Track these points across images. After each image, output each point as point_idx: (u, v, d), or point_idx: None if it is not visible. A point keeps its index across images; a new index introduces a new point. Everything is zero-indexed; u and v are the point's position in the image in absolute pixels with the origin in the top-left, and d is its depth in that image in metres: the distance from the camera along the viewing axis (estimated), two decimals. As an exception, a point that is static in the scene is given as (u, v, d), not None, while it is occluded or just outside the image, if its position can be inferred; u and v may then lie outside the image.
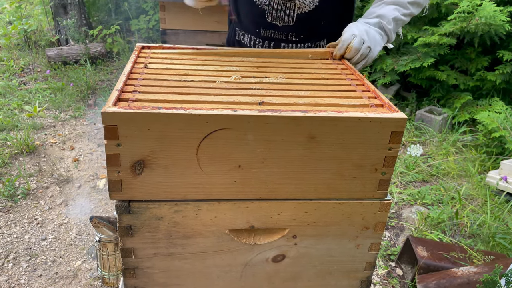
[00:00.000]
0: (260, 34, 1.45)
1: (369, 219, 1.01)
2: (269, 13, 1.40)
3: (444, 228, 2.50)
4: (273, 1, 1.37)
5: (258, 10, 1.41)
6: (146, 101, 0.90)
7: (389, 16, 1.31)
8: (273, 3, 1.37)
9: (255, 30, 1.46)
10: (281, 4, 1.37)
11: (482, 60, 3.65)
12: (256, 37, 1.47)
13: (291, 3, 1.36)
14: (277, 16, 1.39)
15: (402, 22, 1.35)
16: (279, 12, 1.38)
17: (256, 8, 1.41)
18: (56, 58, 4.51)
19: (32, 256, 2.22)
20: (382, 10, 1.33)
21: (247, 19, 1.47)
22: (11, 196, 2.62)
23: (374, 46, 1.29)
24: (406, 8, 1.33)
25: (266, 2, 1.39)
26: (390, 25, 1.32)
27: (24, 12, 5.37)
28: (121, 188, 0.90)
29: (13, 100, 3.78)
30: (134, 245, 0.97)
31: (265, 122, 0.87)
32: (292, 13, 1.38)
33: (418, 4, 1.35)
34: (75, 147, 3.21)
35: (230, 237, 0.99)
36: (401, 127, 0.90)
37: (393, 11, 1.32)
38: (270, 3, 1.38)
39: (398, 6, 1.33)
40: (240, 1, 1.47)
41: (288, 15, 1.39)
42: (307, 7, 1.37)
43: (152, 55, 1.22)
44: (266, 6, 1.39)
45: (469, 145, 3.39)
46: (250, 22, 1.46)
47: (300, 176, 0.94)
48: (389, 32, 1.33)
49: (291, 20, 1.40)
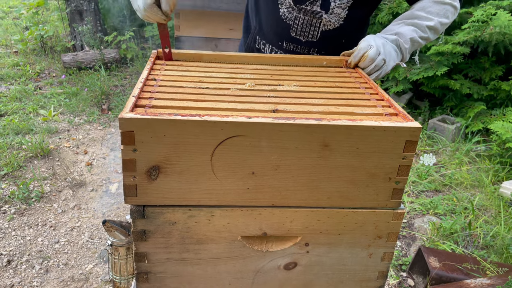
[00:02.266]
0: (282, 46, 1.47)
1: (382, 228, 1.00)
2: (294, 28, 1.42)
3: (456, 238, 2.47)
4: (299, 17, 1.39)
5: (283, 24, 1.42)
6: (162, 108, 0.92)
7: (407, 36, 1.32)
8: (299, 19, 1.40)
9: (278, 43, 1.47)
10: (307, 20, 1.39)
11: (496, 69, 3.62)
12: (278, 49, 1.48)
13: (318, 19, 1.38)
14: (301, 31, 1.41)
15: (418, 45, 1.36)
16: (304, 27, 1.40)
17: (281, 21, 1.42)
18: (71, 63, 4.59)
19: (44, 258, 2.25)
20: (401, 29, 1.33)
21: (270, 30, 1.48)
22: (26, 199, 2.66)
23: (389, 60, 1.29)
24: (424, 31, 1.33)
25: (292, 17, 1.40)
26: (407, 44, 1.32)
27: (40, 18, 5.47)
28: (136, 193, 0.91)
29: (28, 104, 3.85)
30: (148, 250, 0.98)
31: (279, 130, 0.87)
32: (317, 30, 1.40)
33: (436, 31, 1.35)
34: (88, 151, 3.25)
35: (242, 243, 1.00)
36: (415, 136, 0.90)
37: (412, 32, 1.32)
38: (296, 18, 1.40)
39: (416, 28, 1.33)
40: (263, 12, 1.48)
41: (313, 32, 1.41)
42: (332, 25, 1.39)
43: (167, 62, 1.24)
44: (291, 21, 1.41)
45: (482, 155, 3.35)
46: (273, 34, 1.48)
47: (313, 184, 0.94)
48: (405, 51, 1.33)
49: (315, 37, 1.42)
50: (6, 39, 5.50)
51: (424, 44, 1.38)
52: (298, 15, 1.40)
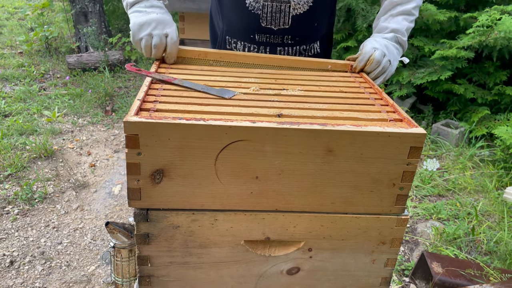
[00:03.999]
0: (255, 39, 1.42)
1: (386, 234, 1.00)
2: (264, 17, 1.38)
3: (460, 244, 2.46)
4: (267, 5, 1.35)
5: (252, 15, 1.38)
6: (167, 111, 0.92)
7: (402, 28, 1.35)
8: (267, 7, 1.36)
9: (249, 36, 1.42)
10: (275, 7, 1.35)
11: (501, 74, 3.60)
12: (250, 43, 1.43)
13: (286, 4, 1.35)
14: (272, 19, 1.37)
15: (410, 29, 1.40)
16: (274, 15, 1.37)
17: (249, 13, 1.38)
18: (75, 64, 4.60)
19: (47, 259, 2.25)
20: (394, 24, 1.36)
21: (240, 25, 1.43)
22: (29, 200, 2.67)
23: (393, 60, 1.30)
24: (412, 14, 1.37)
25: (259, 6, 1.36)
26: (404, 36, 1.36)
27: (46, 19, 5.50)
28: (140, 196, 0.91)
29: (33, 105, 3.87)
30: (151, 253, 0.98)
31: (283, 135, 0.87)
32: (287, 15, 1.37)
33: (418, 6, 1.39)
34: (92, 153, 3.26)
35: (245, 248, 1.00)
36: (420, 142, 0.89)
37: (403, 22, 1.35)
38: (264, 6, 1.36)
39: (405, 15, 1.36)
40: (229, 9, 1.44)
41: (284, 18, 1.37)
42: (302, 7, 1.36)
43: (172, 66, 1.24)
44: (260, 10, 1.37)
45: (486, 160, 3.34)
46: (243, 28, 1.43)
47: (317, 189, 0.94)
48: (404, 43, 1.37)
49: (286, 23, 1.38)
50: (11, 40, 5.53)
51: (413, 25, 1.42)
52: (265, 3, 1.36)
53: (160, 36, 1.21)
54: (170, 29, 1.23)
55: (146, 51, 1.24)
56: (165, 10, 1.29)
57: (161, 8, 1.27)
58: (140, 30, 1.22)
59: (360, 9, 3.85)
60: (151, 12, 1.23)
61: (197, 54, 1.29)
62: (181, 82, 1.08)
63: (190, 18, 3.58)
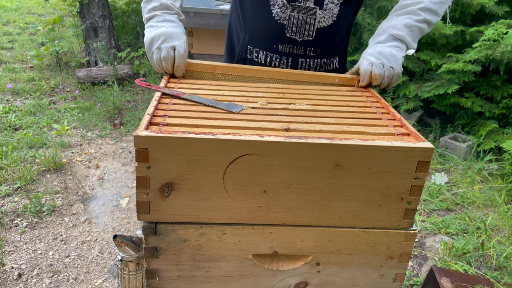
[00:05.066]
0: (278, 49, 1.44)
1: (394, 249, 1.00)
2: (289, 28, 1.40)
3: (469, 259, 2.43)
4: (294, 16, 1.38)
5: (277, 25, 1.40)
6: (176, 126, 0.93)
7: (400, 24, 1.31)
8: (294, 17, 1.38)
9: (273, 46, 1.44)
10: (301, 19, 1.38)
11: (508, 87, 3.60)
12: (273, 53, 1.45)
13: (312, 16, 1.37)
14: (297, 30, 1.40)
15: (418, 29, 1.33)
16: (299, 26, 1.39)
17: (274, 23, 1.40)
18: (85, 78, 4.67)
19: (55, 272, 2.26)
20: (391, 23, 1.34)
21: (264, 34, 1.45)
22: (37, 213, 2.69)
23: (395, 63, 1.28)
24: (418, 14, 1.32)
25: (286, 17, 1.38)
26: (402, 31, 1.30)
27: (56, 34, 5.60)
28: (149, 210, 0.92)
29: (42, 119, 3.91)
30: (159, 267, 0.98)
31: (291, 149, 0.88)
32: (312, 27, 1.39)
33: (431, 11, 1.33)
34: (100, 166, 3.28)
35: (253, 262, 1.00)
36: (428, 157, 0.90)
37: (403, 19, 1.32)
38: (290, 17, 1.38)
39: (408, 14, 1.33)
40: (252, 18, 1.46)
41: (308, 30, 1.40)
42: (326, 21, 1.39)
43: (181, 80, 1.26)
44: (286, 20, 1.39)
45: (495, 174, 3.31)
46: (267, 38, 1.45)
47: (325, 203, 0.94)
48: (403, 38, 1.31)
49: (311, 35, 1.40)
50: (23, 54, 5.63)
51: (428, 29, 1.35)
52: (292, 14, 1.38)
53: (167, 49, 1.22)
54: (178, 42, 1.24)
55: (157, 64, 1.26)
56: (177, 24, 1.30)
57: (172, 22, 1.28)
58: (151, 44, 1.25)
59: (366, 24, 3.88)
60: (161, 26, 1.25)
61: (205, 68, 1.31)
62: (190, 97, 1.10)
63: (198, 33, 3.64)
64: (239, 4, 1.50)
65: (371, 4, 4.03)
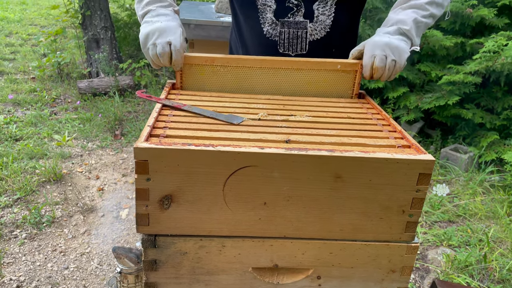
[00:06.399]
0: None
1: (396, 262, 0.99)
2: (281, 44, 1.39)
3: (472, 271, 2.41)
4: (284, 31, 1.37)
5: (270, 42, 1.40)
6: (176, 137, 0.93)
7: (408, 20, 1.28)
8: (284, 33, 1.37)
9: None
10: (292, 34, 1.37)
11: (509, 99, 3.60)
12: None
13: (303, 30, 1.36)
14: (289, 45, 1.39)
15: (424, 24, 1.32)
16: (291, 41, 1.38)
17: (266, 40, 1.40)
18: (86, 89, 4.68)
19: (53, 285, 2.24)
20: (400, 16, 1.30)
21: (257, 52, 1.45)
22: (37, 224, 2.67)
23: (399, 56, 1.25)
24: (425, 9, 1.30)
25: (276, 33, 1.38)
26: (409, 26, 1.28)
27: (58, 46, 5.63)
28: (148, 222, 0.91)
29: (43, 130, 3.92)
30: (158, 280, 0.97)
31: (292, 161, 0.88)
32: (304, 41, 1.38)
33: (437, 4, 1.32)
34: (100, 176, 3.28)
35: (253, 275, 0.99)
36: (429, 169, 0.89)
37: (412, 14, 1.29)
38: (281, 33, 1.38)
39: (415, 9, 1.30)
40: (247, 35, 1.46)
41: (301, 43, 1.39)
42: (319, 33, 1.38)
43: (182, 92, 1.26)
44: (277, 37, 1.39)
45: (496, 185, 3.29)
46: (261, 54, 1.43)
47: (326, 216, 0.93)
48: (411, 35, 1.29)
49: (304, 48, 1.39)
50: (25, 65, 5.66)
51: (432, 22, 1.33)
52: (282, 30, 1.37)
53: (162, 44, 1.20)
54: (173, 37, 1.22)
55: (154, 60, 1.24)
56: (172, 17, 1.28)
57: (166, 16, 1.26)
58: (146, 40, 1.23)
59: (367, 35, 3.91)
60: (156, 21, 1.24)
61: (204, 60, 1.27)
62: (191, 108, 1.10)
63: (199, 44, 3.66)
64: (235, 22, 1.51)
65: (371, 16, 4.06)
